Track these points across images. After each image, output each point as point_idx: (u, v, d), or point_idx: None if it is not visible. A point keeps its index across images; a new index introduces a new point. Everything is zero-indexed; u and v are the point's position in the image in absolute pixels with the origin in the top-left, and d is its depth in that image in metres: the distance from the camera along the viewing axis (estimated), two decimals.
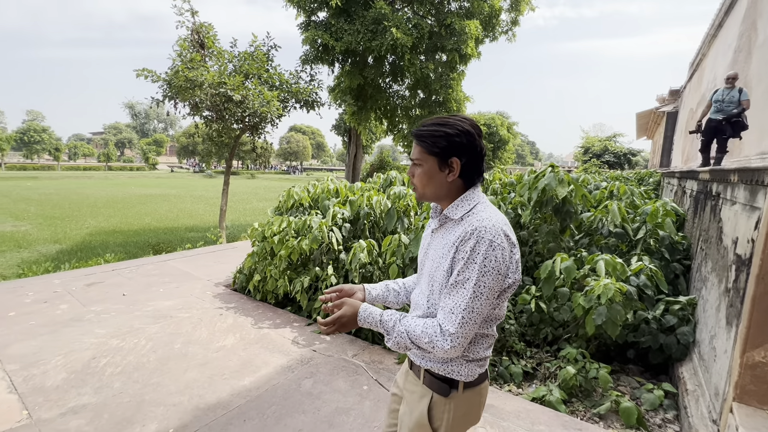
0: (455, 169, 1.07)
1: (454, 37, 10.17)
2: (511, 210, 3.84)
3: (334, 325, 1.13)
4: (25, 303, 3.93)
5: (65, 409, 2.31)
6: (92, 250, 9.31)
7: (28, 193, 22.30)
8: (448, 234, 1.09)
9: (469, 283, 0.99)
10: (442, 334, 1.01)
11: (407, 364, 1.27)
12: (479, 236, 0.99)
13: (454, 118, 1.08)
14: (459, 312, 1.00)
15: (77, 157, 65.73)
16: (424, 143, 1.07)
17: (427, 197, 1.14)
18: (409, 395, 1.22)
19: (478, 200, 1.09)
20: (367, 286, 1.33)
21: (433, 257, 1.13)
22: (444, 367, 1.11)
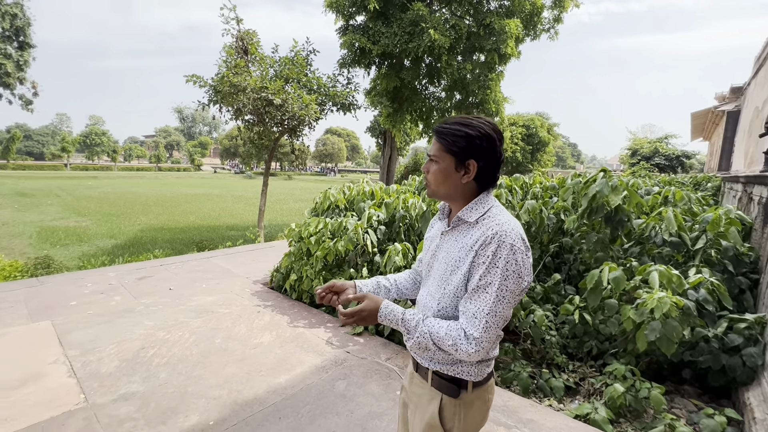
0: (471, 172, 1.06)
1: (493, 37, 9.94)
2: (553, 215, 3.67)
3: (353, 317, 1.12)
4: (84, 293, 4.24)
5: (117, 396, 2.45)
6: (143, 246, 9.95)
7: (88, 191, 24.24)
8: (462, 237, 1.09)
9: (491, 287, 1.00)
10: (466, 338, 1.01)
11: (412, 367, 1.26)
12: (500, 240, 1.00)
13: (477, 120, 1.07)
14: (483, 316, 1.00)
15: (131, 159, 70.69)
16: (444, 140, 1.07)
17: (439, 195, 1.14)
18: (416, 398, 1.21)
19: (492, 203, 1.09)
20: (358, 283, 1.33)
21: (445, 260, 1.12)
22: (453, 368, 1.11)
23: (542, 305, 3.26)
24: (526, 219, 3.56)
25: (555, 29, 11.62)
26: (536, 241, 3.82)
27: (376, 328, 3.50)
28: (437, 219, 1.27)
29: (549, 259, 3.73)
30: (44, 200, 19.18)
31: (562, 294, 3.46)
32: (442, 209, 1.23)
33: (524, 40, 11.28)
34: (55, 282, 4.61)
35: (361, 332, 3.46)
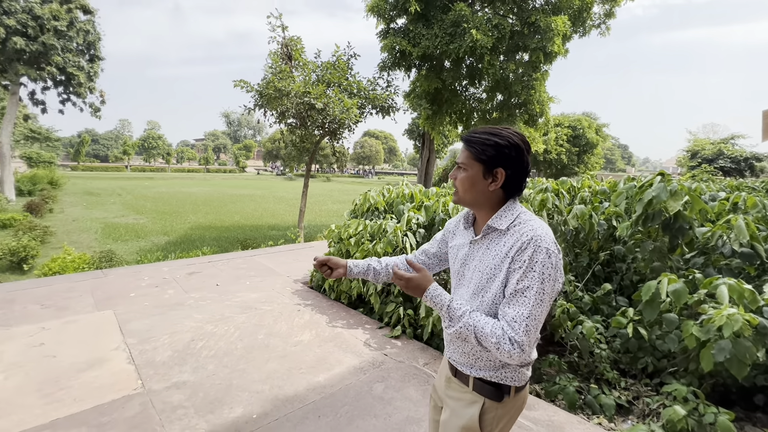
0: (499, 180, 1.09)
1: (538, 35, 9.61)
2: (603, 221, 3.46)
3: (402, 280, 1.16)
4: (141, 286, 4.56)
5: (169, 384, 2.61)
6: (192, 243, 10.56)
7: (145, 191, 26.14)
8: (494, 245, 1.11)
9: (530, 291, 1.02)
10: (510, 341, 1.01)
11: (449, 372, 1.27)
12: (536, 245, 1.02)
13: (506, 130, 1.09)
14: (523, 320, 1.01)
15: (183, 161, 75.44)
16: (473, 149, 1.10)
17: (465, 202, 1.17)
18: (453, 402, 1.22)
19: (520, 210, 1.12)
20: (350, 262, 1.42)
21: (479, 268, 1.14)
22: (497, 374, 1.13)
23: (591, 316, 3.08)
24: (574, 224, 3.38)
25: (606, 24, 11.02)
26: (585, 248, 3.62)
27: (414, 332, 3.47)
28: (460, 227, 1.29)
29: (599, 268, 3.52)
30: (108, 199, 20.93)
31: (612, 305, 3.25)
32: (466, 218, 1.25)
33: (572, 38, 10.80)
34: (117, 274, 5.00)
35: (398, 335, 3.44)
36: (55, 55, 18.77)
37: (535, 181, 4.42)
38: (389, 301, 3.71)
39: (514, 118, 10.73)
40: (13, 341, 3.06)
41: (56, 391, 2.45)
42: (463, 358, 1.20)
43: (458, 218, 1.33)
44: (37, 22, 17.96)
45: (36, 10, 17.90)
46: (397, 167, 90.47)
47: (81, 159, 55.77)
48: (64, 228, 12.71)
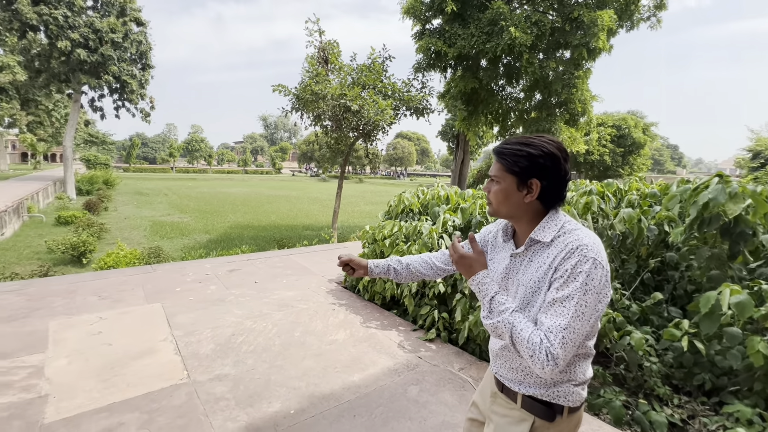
0: (534, 191, 1.05)
1: (581, 31, 9.21)
2: (654, 226, 3.25)
3: (457, 254, 1.17)
4: (186, 281, 4.80)
5: (212, 376, 2.72)
6: (232, 241, 11.01)
7: (188, 191, 27.57)
8: (537, 257, 1.07)
9: (570, 301, 0.96)
10: (546, 353, 0.96)
11: (494, 386, 1.22)
12: (582, 254, 0.97)
13: (540, 138, 1.05)
14: (559, 331, 0.96)
15: (223, 162, 78.97)
16: (505, 161, 1.06)
17: (501, 215, 1.14)
18: (499, 418, 1.17)
19: (564, 220, 1.07)
20: (371, 263, 1.44)
21: (523, 282, 1.09)
22: (549, 392, 1.08)
23: (639, 327, 2.90)
24: (621, 229, 3.21)
25: (657, 17, 10.38)
26: (632, 254, 3.42)
27: (448, 335, 3.42)
28: (499, 240, 1.25)
29: (648, 275, 3.31)
30: (155, 198, 22.28)
31: (664, 316, 3.05)
32: (504, 230, 1.22)
33: (617, 32, 10.26)
34: (164, 270, 5.30)
35: (433, 338, 3.41)
36: (112, 64, 20.26)
37: (578, 183, 4.24)
38: (423, 303, 3.68)
39: (554, 117, 10.32)
40: (75, 329, 3.32)
41: (112, 377, 2.63)
42: (511, 373, 1.15)
43: (495, 229, 1.29)
44: (97, 35, 19.47)
45: (96, 24, 19.42)
46: (429, 168, 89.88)
47: (132, 161, 59.80)
48: (117, 225, 13.66)
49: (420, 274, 1.44)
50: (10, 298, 3.94)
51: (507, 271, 1.16)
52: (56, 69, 19.22)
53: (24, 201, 14.33)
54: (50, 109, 32.93)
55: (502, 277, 1.18)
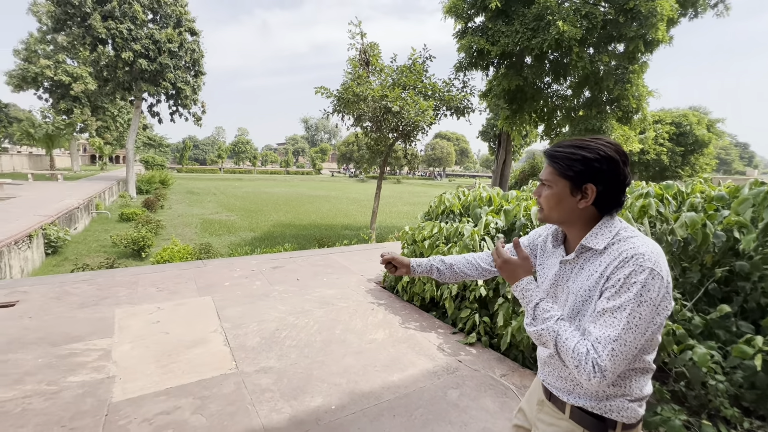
0: (589, 196, 0.99)
1: (637, 23, 8.61)
2: (721, 232, 2.98)
3: (500, 259, 1.15)
4: (234, 277, 5.06)
5: (258, 368, 2.84)
6: (275, 239, 11.43)
7: (235, 191, 28.98)
8: (589, 264, 1.02)
9: (622, 312, 0.91)
10: (593, 364, 0.91)
11: (542, 394, 1.17)
12: (638, 263, 0.91)
13: (596, 141, 1.00)
14: (608, 343, 0.90)
15: (267, 163, 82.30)
16: (558, 165, 1.02)
17: (552, 220, 1.10)
18: (546, 427, 1.13)
19: (619, 226, 1.00)
20: (413, 261, 1.45)
21: (574, 290, 1.05)
22: (601, 405, 1.02)
23: (703, 341, 2.67)
24: (683, 234, 2.97)
25: (725, 3, 9.50)
26: (695, 262, 3.15)
27: (489, 340, 3.34)
28: (548, 245, 1.20)
29: (714, 286, 3.04)
30: (205, 198, 23.64)
31: (732, 330, 2.78)
32: (554, 236, 1.18)
33: (679, 22, 9.50)
34: (214, 265, 5.61)
35: (473, 343, 3.34)
36: (169, 72, 21.78)
37: (632, 185, 3.98)
38: (464, 306, 3.61)
39: (605, 115, 9.72)
40: (137, 317, 3.60)
41: (169, 363, 2.83)
42: (559, 382, 1.10)
43: (546, 233, 1.24)
44: (156, 46, 21.03)
45: (156, 36, 20.97)
46: (468, 169, 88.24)
47: (184, 162, 63.88)
48: (171, 222, 14.65)
49: (464, 274, 1.41)
50: (83, 287, 4.36)
51: (556, 278, 1.12)
52: (121, 78, 20.98)
53: (93, 199, 15.77)
54: (115, 115, 36.07)
55: (551, 284, 1.14)
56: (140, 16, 20.30)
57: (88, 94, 30.50)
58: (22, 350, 2.91)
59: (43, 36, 27.80)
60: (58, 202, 13.02)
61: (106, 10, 19.64)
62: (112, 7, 19.56)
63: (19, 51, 29.41)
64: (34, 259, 8.81)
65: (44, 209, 11.48)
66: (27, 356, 2.83)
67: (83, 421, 2.18)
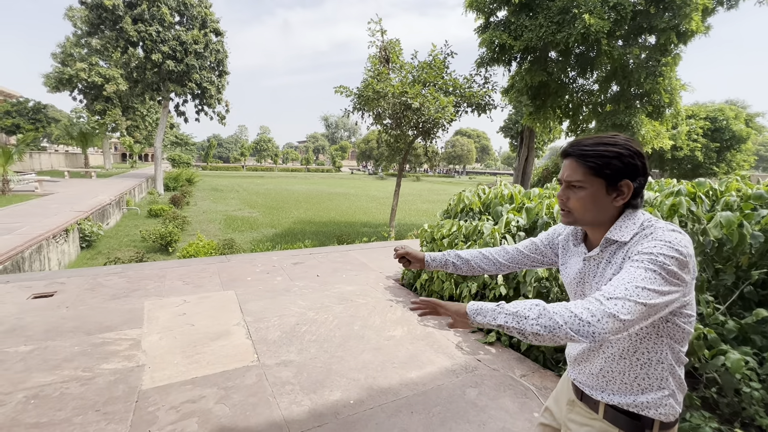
0: (626, 193, 0.98)
1: (669, 13, 8.24)
2: (759, 232, 2.83)
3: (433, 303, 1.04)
4: (255, 272, 5.17)
5: (279, 361, 2.91)
6: (295, 236, 11.61)
7: (257, 188, 29.57)
8: (615, 256, 0.99)
9: (643, 257, 0.88)
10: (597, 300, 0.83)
11: (572, 394, 1.14)
12: (657, 228, 0.93)
13: (617, 137, 0.99)
14: (625, 283, 0.84)
15: (288, 161, 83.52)
16: (591, 163, 0.98)
17: (585, 222, 1.05)
18: (578, 427, 1.09)
19: (644, 218, 0.99)
20: (427, 256, 1.44)
21: (603, 284, 1.01)
22: (636, 401, 0.98)
23: (737, 347, 2.55)
24: (717, 235, 2.84)
25: None
26: (729, 263, 3.01)
27: (509, 339, 3.30)
28: (570, 245, 1.17)
29: (750, 289, 2.89)
30: (228, 194, 24.23)
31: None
32: (574, 236, 1.16)
33: (715, 11, 9.03)
34: (237, 260, 5.76)
35: (493, 342, 3.31)
36: (195, 73, 22.40)
37: (662, 183, 3.83)
38: None
39: (634, 110, 9.34)
40: (164, 309, 3.75)
41: (194, 354, 2.93)
42: (591, 379, 1.07)
43: (565, 233, 1.22)
44: (182, 47, 21.66)
45: (182, 37, 21.59)
46: (489, 166, 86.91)
47: (209, 160, 65.62)
48: (196, 218, 15.11)
49: (481, 269, 1.39)
50: (114, 280, 4.56)
51: (581, 275, 1.10)
52: (150, 79, 21.75)
53: (124, 196, 16.45)
54: (144, 115, 37.44)
55: (577, 282, 1.12)
56: (168, 18, 20.96)
57: (120, 95, 31.79)
58: (60, 338, 3.08)
59: (78, 40, 29.14)
60: (92, 199, 13.65)
61: (136, 14, 20.39)
62: (141, 10, 20.28)
63: (57, 55, 30.95)
64: (70, 252, 9.28)
65: (79, 205, 12.06)
66: (64, 343, 2.99)
67: (116, 406, 2.29)
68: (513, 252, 1.35)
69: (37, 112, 35.18)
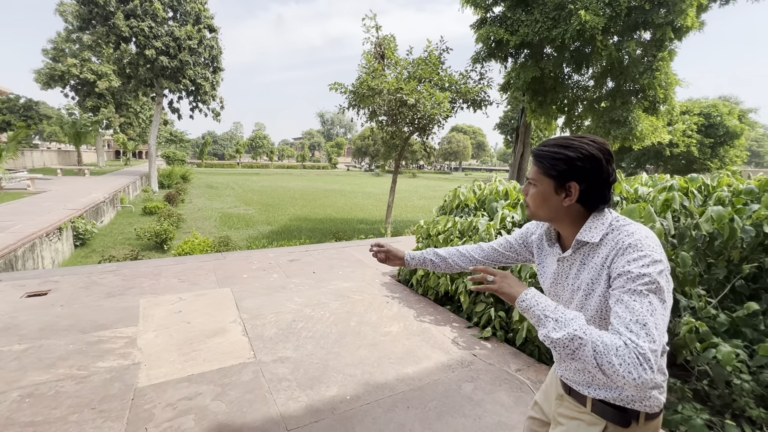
0: (573, 194, 1.01)
1: (665, 9, 8.26)
2: (750, 227, 2.86)
3: (496, 274, 1.04)
4: (251, 269, 5.17)
5: (275, 357, 2.91)
6: (291, 233, 11.59)
7: (252, 185, 29.44)
8: (589, 258, 1.02)
9: (648, 286, 0.87)
10: (640, 355, 0.79)
11: (561, 389, 1.16)
12: (639, 243, 0.92)
13: (580, 140, 1.01)
14: (647, 318, 0.84)
15: (283, 158, 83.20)
16: (542, 164, 1.04)
17: (539, 218, 1.11)
18: (568, 421, 1.11)
19: (611, 218, 1.02)
20: (407, 255, 1.49)
21: (575, 285, 1.05)
22: (623, 396, 1.01)
23: (728, 339, 2.59)
24: (708, 229, 2.87)
25: None
26: (721, 257, 3.05)
27: (505, 335, 3.32)
28: (544, 245, 1.20)
29: (741, 283, 2.93)
30: (224, 192, 24.11)
31: (760, 329, 2.68)
32: (548, 235, 1.18)
33: (709, 7, 9.07)
34: (233, 258, 5.74)
35: (488, 337, 3.33)
36: (189, 69, 22.19)
37: (656, 178, 3.86)
38: (479, 300, 3.60)
39: (630, 105, 9.38)
40: (160, 307, 3.74)
41: (190, 351, 2.93)
42: (577, 376, 1.10)
43: (539, 233, 1.25)
44: (176, 43, 21.43)
45: (176, 33, 21.36)
46: (485, 163, 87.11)
47: (204, 157, 65.22)
48: (191, 216, 15.03)
49: (457, 266, 1.45)
50: (109, 278, 4.54)
51: (555, 276, 1.13)
52: (143, 75, 21.52)
53: (118, 193, 16.32)
54: (138, 112, 37.07)
55: (551, 282, 1.15)
56: (160, 13, 20.71)
57: (112, 91, 31.46)
58: (55, 336, 3.07)
59: (69, 35, 28.76)
60: (86, 196, 13.53)
61: (128, 9, 20.13)
62: (134, 5, 20.03)
63: (48, 50, 30.53)
64: (64, 251, 9.22)
65: (73, 203, 11.95)
66: (59, 342, 2.98)
67: (111, 404, 2.29)
68: (488, 249, 1.40)
69: (28, 109, 34.76)
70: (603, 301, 0.98)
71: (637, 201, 3.39)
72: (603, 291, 0.98)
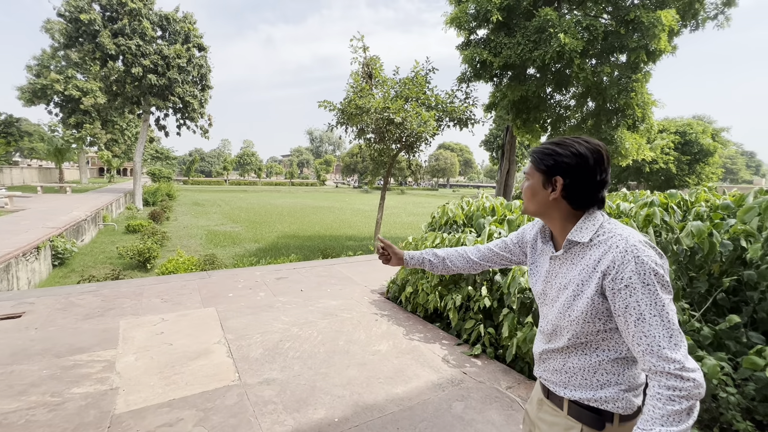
0: (557, 189, 1.04)
1: (638, 33, 8.69)
2: (728, 241, 2.95)
3: None
4: (238, 288, 5.06)
5: (261, 379, 2.83)
6: (279, 251, 11.44)
7: (240, 202, 29.16)
8: (579, 258, 1.04)
9: (656, 307, 0.90)
10: (678, 376, 0.86)
11: (541, 392, 1.18)
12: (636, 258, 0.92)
13: (573, 139, 1.05)
14: (675, 334, 0.89)
15: (272, 175, 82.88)
16: (533, 159, 1.10)
17: (530, 212, 1.15)
18: (547, 426, 1.13)
19: (602, 219, 1.04)
20: (406, 254, 1.52)
21: (564, 284, 1.07)
22: (595, 396, 1.02)
23: (712, 352, 2.62)
24: (689, 244, 2.94)
25: (725, 15, 9.58)
26: (702, 271, 3.12)
27: (495, 352, 3.30)
28: (538, 243, 1.23)
29: (722, 296, 2.99)
30: (211, 209, 23.79)
31: (742, 341, 2.73)
32: (542, 233, 1.21)
33: (680, 33, 9.57)
34: (218, 276, 5.62)
35: (478, 354, 3.30)
36: (177, 87, 22.19)
37: (636, 194, 3.96)
38: (468, 317, 3.59)
39: (613, 124, 9.76)
40: (141, 328, 3.61)
41: (172, 374, 2.82)
42: (555, 376, 1.11)
43: (535, 231, 1.28)
44: (164, 61, 21.47)
45: (164, 51, 21.43)
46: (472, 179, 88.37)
47: (191, 174, 64.53)
48: (176, 233, 14.74)
49: (455, 267, 1.48)
50: (88, 298, 4.38)
51: (547, 275, 1.15)
52: (130, 93, 21.41)
53: (100, 211, 15.94)
54: (123, 128, 36.70)
55: (543, 281, 1.17)
56: (149, 32, 20.80)
57: (98, 108, 31.13)
58: (27, 361, 2.92)
59: (54, 52, 28.57)
60: (66, 214, 13.18)
61: (116, 28, 20.17)
62: (122, 24, 20.09)
63: (32, 67, 30.21)
64: (41, 271, 8.89)
65: (52, 221, 11.62)
66: (32, 367, 2.84)
67: None
68: (485, 250, 1.44)
69: (9, 125, 34.05)
70: (591, 305, 0.99)
71: (620, 216, 3.46)
72: (592, 294, 0.98)
